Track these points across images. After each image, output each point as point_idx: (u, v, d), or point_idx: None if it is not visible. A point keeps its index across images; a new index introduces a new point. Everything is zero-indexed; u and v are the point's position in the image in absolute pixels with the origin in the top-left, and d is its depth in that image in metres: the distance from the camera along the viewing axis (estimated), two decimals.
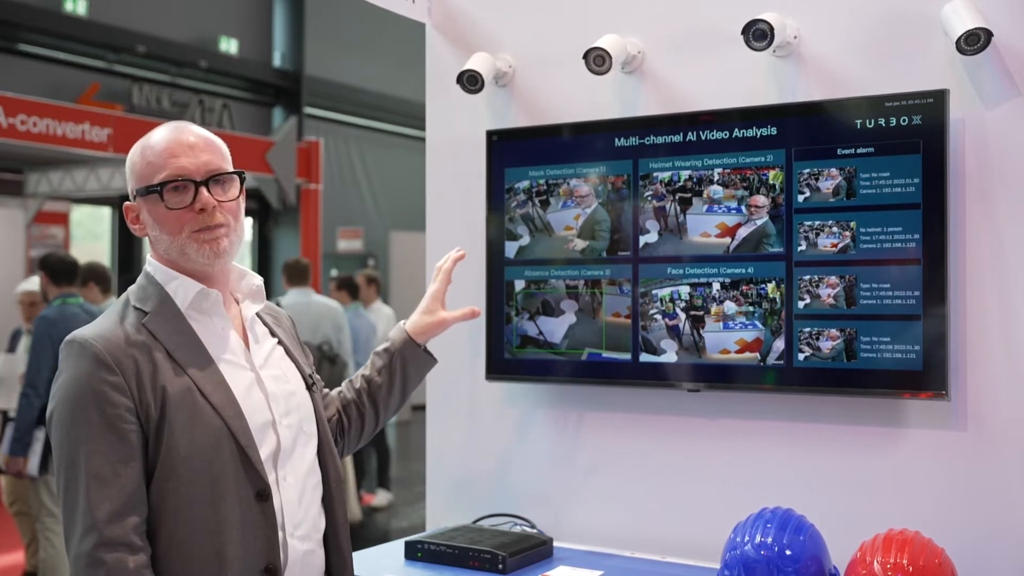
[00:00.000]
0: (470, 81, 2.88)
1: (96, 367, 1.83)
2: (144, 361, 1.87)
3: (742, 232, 2.57)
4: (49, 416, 1.89)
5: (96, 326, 1.92)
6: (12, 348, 6.16)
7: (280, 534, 1.94)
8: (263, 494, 1.92)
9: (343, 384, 2.45)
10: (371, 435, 2.44)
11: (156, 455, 1.85)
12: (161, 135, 1.97)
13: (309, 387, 2.12)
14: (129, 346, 1.87)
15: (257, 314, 2.11)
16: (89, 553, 1.78)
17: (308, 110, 14.92)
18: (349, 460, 7.85)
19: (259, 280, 2.10)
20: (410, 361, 2.44)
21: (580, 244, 2.78)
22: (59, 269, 5.61)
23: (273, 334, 2.13)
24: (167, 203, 1.92)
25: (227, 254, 1.98)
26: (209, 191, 1.94)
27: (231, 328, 2.02)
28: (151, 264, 2.00)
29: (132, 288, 2.01)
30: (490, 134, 2.94)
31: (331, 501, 2.10)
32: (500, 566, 2.50)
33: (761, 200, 2.54)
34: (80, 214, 12.56)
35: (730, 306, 2.58)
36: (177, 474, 1.86)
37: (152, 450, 1.86)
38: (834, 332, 2.46)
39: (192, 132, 1.98)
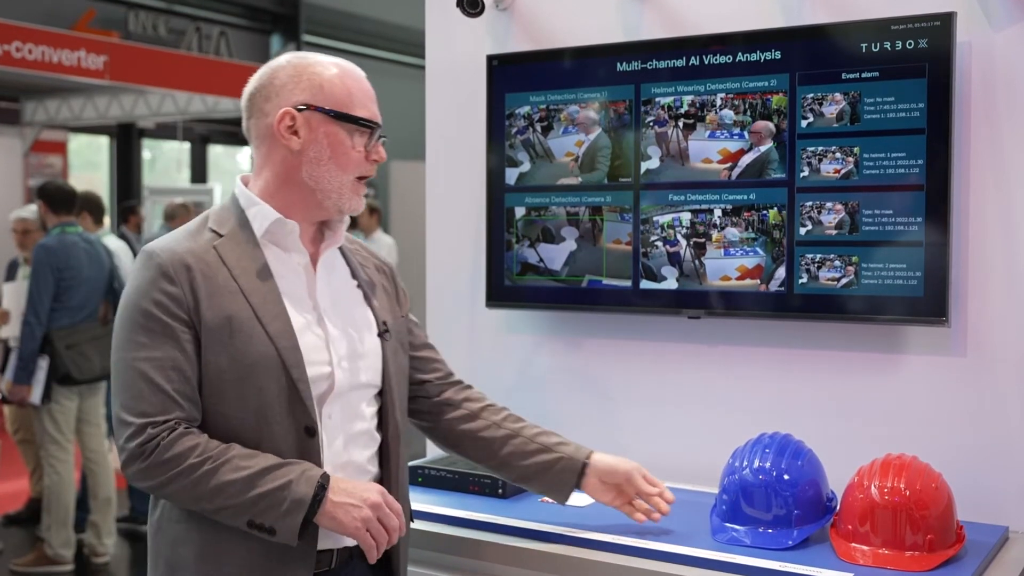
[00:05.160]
0: (470, 4, 2.83)
1: (158, 276, 1.86)
2: (204, 279, 1.87)
3: (745, 159, 2.55)
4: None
5: (170, 237, 1.95)
6: (11, 277, 6.13)
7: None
8: (311, 430, 1.89)
9: (487, 404, 2.28)
10: (441, 447, 2.30)
11: (206, 373, 1.86)
12: (353, 71, 2.04)
13: (380, 334, 2.05)
14: (195, 261, 1.88)
15: (345, 255, 2.09)
16: (131, 448, 1.81)
17: (306, 37, 14.72)
18: None
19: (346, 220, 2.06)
20: (554, 481, 2.22)
21: (581, 171, 2.76)
22: (57, 197, 5.59)
23: (355, 276, 2.09)
24: (370, 142, 2.00)
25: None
26: None
27: (308, 264, 1.99)
28: (239, 188, 2.01)
29: (215, 208, 2.01)
30: (491, 59, 2.90)
31: (387, 454, 2.04)
32: (500, 491, 2.53)
33: (765, 126, 2.52)
34: (78, 143, 12.48)
35: (731, 232, 2.57)
36: (225, 398, 1.86)
37: (203, 366, 1.86)
38: (835, 259, 2.45)
39: None
